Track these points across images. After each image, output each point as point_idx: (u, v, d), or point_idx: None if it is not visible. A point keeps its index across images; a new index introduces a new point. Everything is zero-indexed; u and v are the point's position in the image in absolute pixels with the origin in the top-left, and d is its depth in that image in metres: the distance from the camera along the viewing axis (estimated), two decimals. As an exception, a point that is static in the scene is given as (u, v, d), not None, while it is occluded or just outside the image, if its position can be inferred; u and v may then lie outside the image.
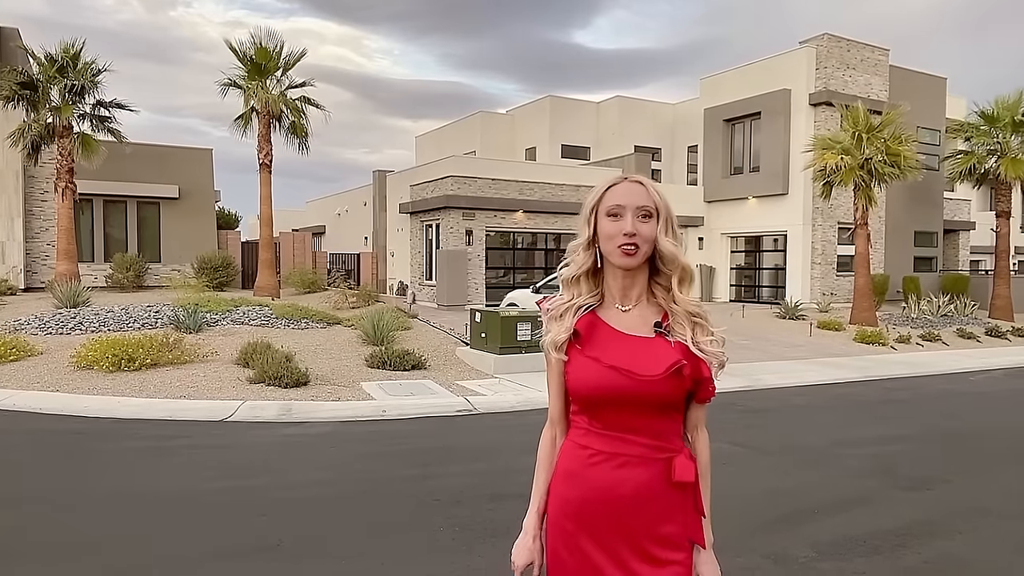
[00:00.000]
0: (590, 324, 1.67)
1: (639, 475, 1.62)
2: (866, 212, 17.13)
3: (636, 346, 1.63)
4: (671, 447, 1.65)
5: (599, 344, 1.65)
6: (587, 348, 1.65)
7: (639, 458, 1.62)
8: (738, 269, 24.07)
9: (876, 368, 11.82)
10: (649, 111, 27.47)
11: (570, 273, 1.71)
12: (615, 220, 1.63)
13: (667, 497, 1.63)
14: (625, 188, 1.65)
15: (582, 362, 1.65)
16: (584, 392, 1.65)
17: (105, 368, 8.83)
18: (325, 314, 13.46)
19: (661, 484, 1.62)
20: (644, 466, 1.62)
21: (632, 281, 1.67)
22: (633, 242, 1.61)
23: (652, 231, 1.63)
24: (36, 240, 18.67)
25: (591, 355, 1.64)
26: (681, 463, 1.63)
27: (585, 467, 1.65)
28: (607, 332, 1.66)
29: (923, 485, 5.42)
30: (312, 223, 33.68)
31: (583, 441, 1.67)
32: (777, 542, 4.22)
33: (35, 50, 16.01)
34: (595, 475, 1.64)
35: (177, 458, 5.91)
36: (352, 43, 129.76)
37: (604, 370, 1.61)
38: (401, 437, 6.90)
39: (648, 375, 1.59)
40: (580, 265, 1.69)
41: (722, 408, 8.68)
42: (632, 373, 1.59)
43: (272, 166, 18.22)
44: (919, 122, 21.92)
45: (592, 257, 1.68)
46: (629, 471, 1.62)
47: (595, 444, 1.65)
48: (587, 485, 1.64)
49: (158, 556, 3.89)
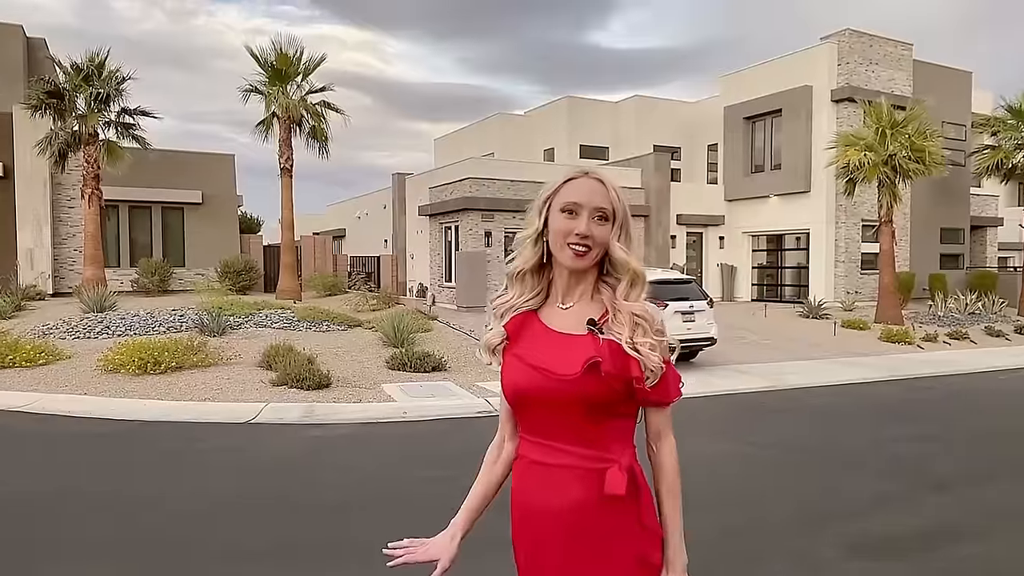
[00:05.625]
0: (521, 323, 1.59)
1: (574, 489, 1.48)
2: (891, 209, 16.88)
3: (561, 344, 1.52)
4: (609, 457, 1.49)
5: (525, 343, 1.56)
6: (514, 347, 1.57)
7: (570, 469, 1.49)
8: (760, 268, 23.83)
9: (902, 367, 11.63)
10: (668, 110, 27.31)
11: (515, 268, 1.61)
12: (569, 217, 1.52)
13: (605, 513, 1.48)
14: (585, 184, 1.54)
15: (507, 361, 1.58)
16: (507, 393, 1.57)
17: (131, 371, 8.97)
18: (346, 316, 13.56)
19: (597, 499, 1.47)
20: (578, 479, 1.49)
21: (578, 279, 1.57)
22: (585, 244, 1.51)
23: (606, 235, 1.53)
24: (64, 246, 19.01)
25: (516, 354, 1.56)
26: (612, 475, 1.46)
27: (521, 478, 1.57)
28: (538, 330, 1.57)
29: (951, 486, 5.33)
30: (333, 226, 33.92)
31: (521, 451, 1.59)
32: (803, 543, 4.17)
33: (62, 59, 16.33)
34: (530, 487, 1.54)
35: (203, 460, 5.98)
36: (371, 48, 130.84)
37: (525, 369, 1.52)
38: (421, 439, 6.92)
39: (565, 373, 1.47)
40: (526, 260, 1.59)
41: (745, 408, 8.60)
42: (549, 372, 1.49)
43: (293, 170, 18.40)
44: (944, 117, 21.56)
45: (540, 252, 1.58)
46: (562, 484, 1.50)
47: (529, 453, 1.56)
48: (524, 497, 1.55)
49: (184, 555, 3.94)
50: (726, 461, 6.09)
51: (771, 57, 22.89)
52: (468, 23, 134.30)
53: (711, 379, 10.02)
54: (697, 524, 4.35)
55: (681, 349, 2.77)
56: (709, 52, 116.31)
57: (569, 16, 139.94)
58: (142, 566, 3.81)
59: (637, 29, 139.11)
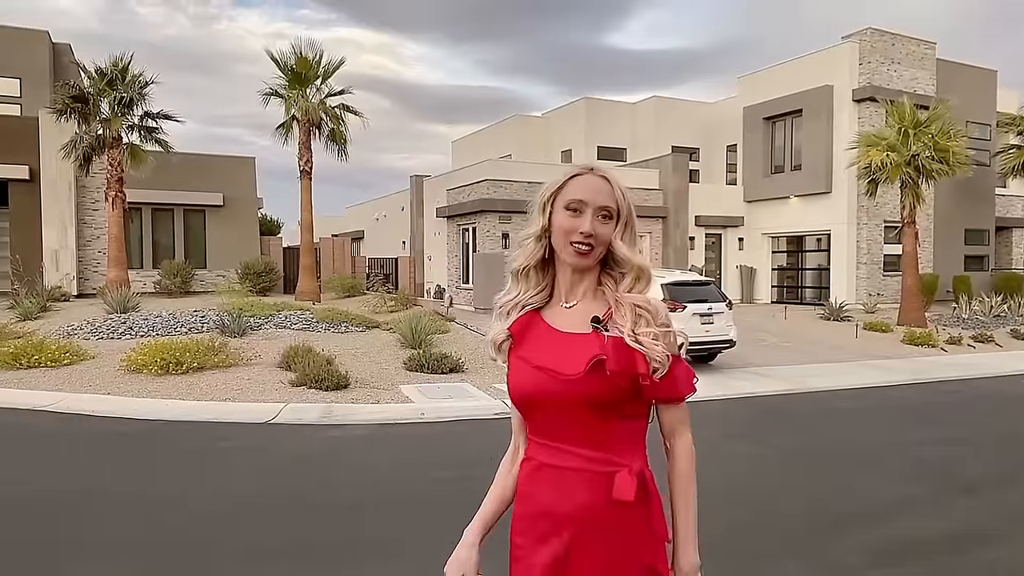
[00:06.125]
0: (526, 324, 1.56)
1: (581, 493, 1.46)
2: (914, 210, 16.64)
3: (566, 343, 1.50)
4: (618, 460, 1.47)
5: (530, 343, 1.54)
6: (519, 348, 1.55)
7: (578, 471, 1.47)
8: (780, 270, 23.62)
9: (926, 370, 11.46)
10: (686, 111, 27.17)
11: (519, 265, 1.59)
12: (573, 215, 1.50)
13: (614, 518, 1.45)
14: (589, 182, 1.52)
15: (514, 363, 1.55)
16: (514, 396, 1.54)
17: (154, 371, 9.08)
18: (364, 318, 13.63)
19: (604, 503, 1.45)
20: (586, 483, 1.46)
21: (581, 276, 1.55)
22: (589, 243, 1.49)
23: (610, 233, 1.51)
24: (88, 248, 19.31)
25: (520, 356, 1.54)
26: (621, 480, 1.44)
27: (529, 482, 1.54)
28: (542, 330, 1.55)
29: (977, 490, 5.24)
30: (351, 228, 34.13)
31: (529, 453, 1.56)
32: (825, 548, 4.12)
33: (86, 64, 16.60)
34: (539, 491, 1.51)
35: (224, 460, 6.04)
36: (389, 51, 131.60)
37: (530, 371, 1.50)
38: (439, 440, 6.93)
39: (570, 373, 1.45)
40: (529, 257, 1.57)
41: (765, 411, 8.52)
42: (555, 372, 1.47)
43: (312, 173, 18.55)
44: (969, 117, 21.24)
45: (542, 250, 1.56)
46: (570, 487, 1.47)
47: (537, 455, 1.53)
48: (530, 499, 1.53)
49: (206, 555, 3.98)
50: (745, 463, 6.04)
51: (791, 57, 22.72)
52: (486, 25, 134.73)
53: (730, 381, 9.94)
54: (714, 526, 4.32)
55: (700, 351, 2.80)
56: (727, 52, 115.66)
57: (587, 17, 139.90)
58: (165, 565, 3.86)
59: (655, 30, 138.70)
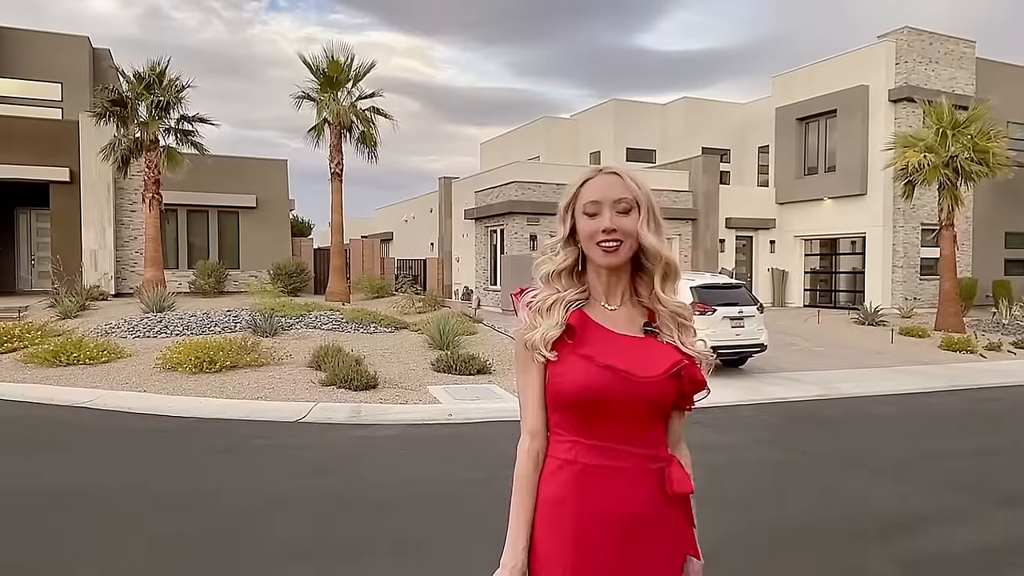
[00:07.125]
0: (582, 320, 1.53)
1: (634, 493, 1.48)
2: (952, 212, 16.24)
3: (631, 345, 1.51)
4: (661, 456, 1.52)
5: (591, 342, 1.50)
6: (579, 346, 1.50)
7: (632, 471, 1.48)
8: (812, 273, 23.23)
9: (964, 377, 11.17)
10: (717, 112, 26.89)
11: (551, 268, 1.57)
12: (593, 219, 1.51)
13: (663, 513, 1.51)
14: (601, 181, 1.54)
15: (573, 362, 1.49)
16: (576, 396, 1.48)
17: (188, 370, 9.26)
18: (393, 319, 13.73)
19: (655, 500, 1.49)
20: (637, 482, 1.48)
21: (617, 279, 1.55)
22: (614, 238, 1.49)
23: (633, 224, 1.50)
24: (125, 248, 19.76)
25: (583, 354, 1.49)
26: (676, 473, 1.50)
27: (577, 483, 1.48)
28: (599, 330, 1.52)
29: (1016, 502, 5.09)
30: (380, 230, 34.44)
31: (568, 456, 1.49)
32: (859, 558, 4.04)
33: (125, 69, 17.00)
34: (593, 494, 1.47)
35: (255, 457, 6.14)
36: (420, 54, 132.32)
37: (599, 371, 1.46)
38: (466, 441, 6.96)
39: (647, 376, 1.46)
40: (560, 262, 1.57)
41: (797, 417, 8.39)
42: (630, 374, 1.46)
43: (343, 175, 18.74)
44: (1010, 117, 20.67)
45: (575, 255, 1.57)
46: (623, 489, 1.48)
47: (584, 458, 1.48)
48: (582, 504, 1.47)
49: (239, 550, 4.04)
50: (775, 469, 5.95)
51: (824, 57, 22.34)
52: (515, 28, 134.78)
53: (761, 386, 9.81)
54: (743, 532, 4.27)
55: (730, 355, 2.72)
56: (759, 53, 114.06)
57: (617, 19, 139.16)
58: (202, 560, 3.93)
59: (686, 30, 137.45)
